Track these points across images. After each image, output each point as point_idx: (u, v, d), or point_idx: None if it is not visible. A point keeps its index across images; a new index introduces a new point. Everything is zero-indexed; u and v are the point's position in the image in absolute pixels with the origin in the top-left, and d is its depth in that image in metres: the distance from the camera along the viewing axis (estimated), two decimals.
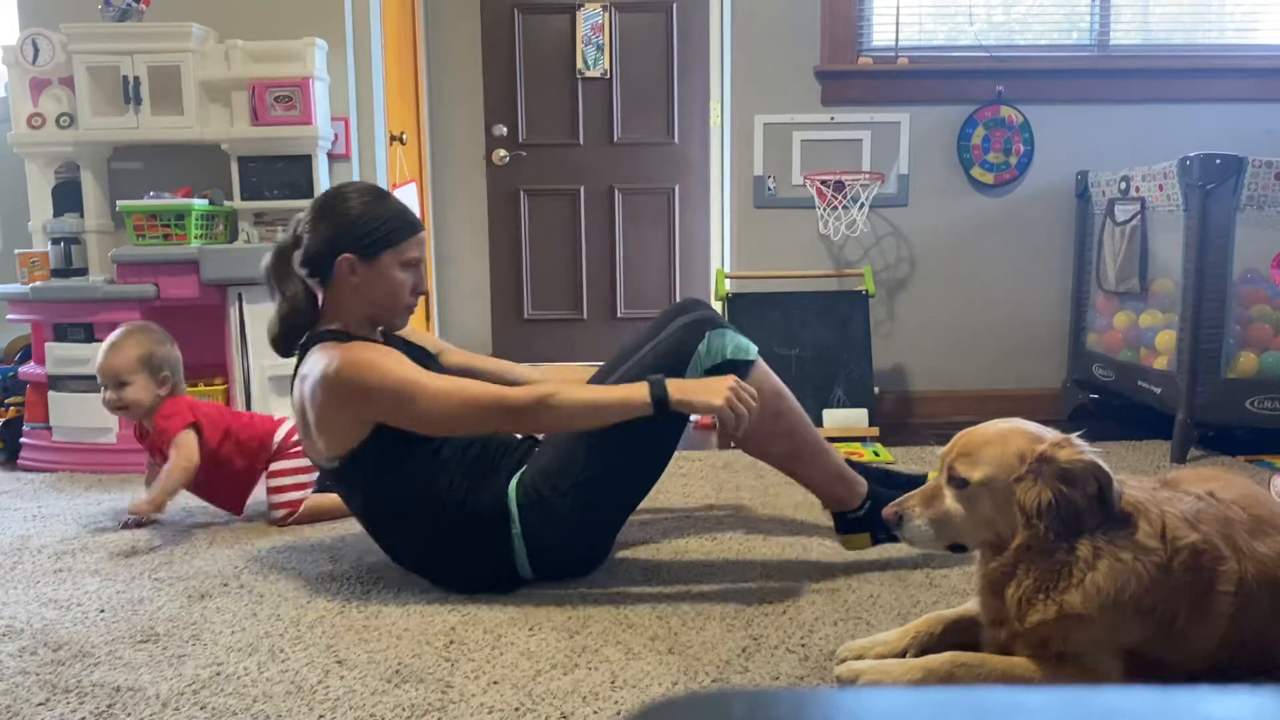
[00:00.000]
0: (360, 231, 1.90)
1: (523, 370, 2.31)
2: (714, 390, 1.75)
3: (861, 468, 2.07)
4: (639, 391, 1.75)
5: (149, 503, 2.25)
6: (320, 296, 1.98)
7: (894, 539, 1.95)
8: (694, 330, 1.91)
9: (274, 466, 2.39)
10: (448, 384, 1.80)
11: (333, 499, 2.34)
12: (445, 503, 1.86)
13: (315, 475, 2.39)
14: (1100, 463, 1.36)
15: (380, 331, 2.02)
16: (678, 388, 1.75)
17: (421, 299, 2.04)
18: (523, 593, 1.89)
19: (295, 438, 2.36)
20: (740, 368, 1.90)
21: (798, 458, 1.98)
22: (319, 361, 1.83)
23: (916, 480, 2.13)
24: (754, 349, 1.94)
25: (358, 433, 1.83)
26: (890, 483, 2.12)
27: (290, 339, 1.99)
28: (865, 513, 1.99)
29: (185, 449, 2.30)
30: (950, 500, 1.44)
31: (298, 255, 1.95)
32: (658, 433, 1.87)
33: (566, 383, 1.87)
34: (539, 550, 1.88)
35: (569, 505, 1.85)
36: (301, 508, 2.37)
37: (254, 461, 2.39)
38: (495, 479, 1.89)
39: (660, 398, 1.74)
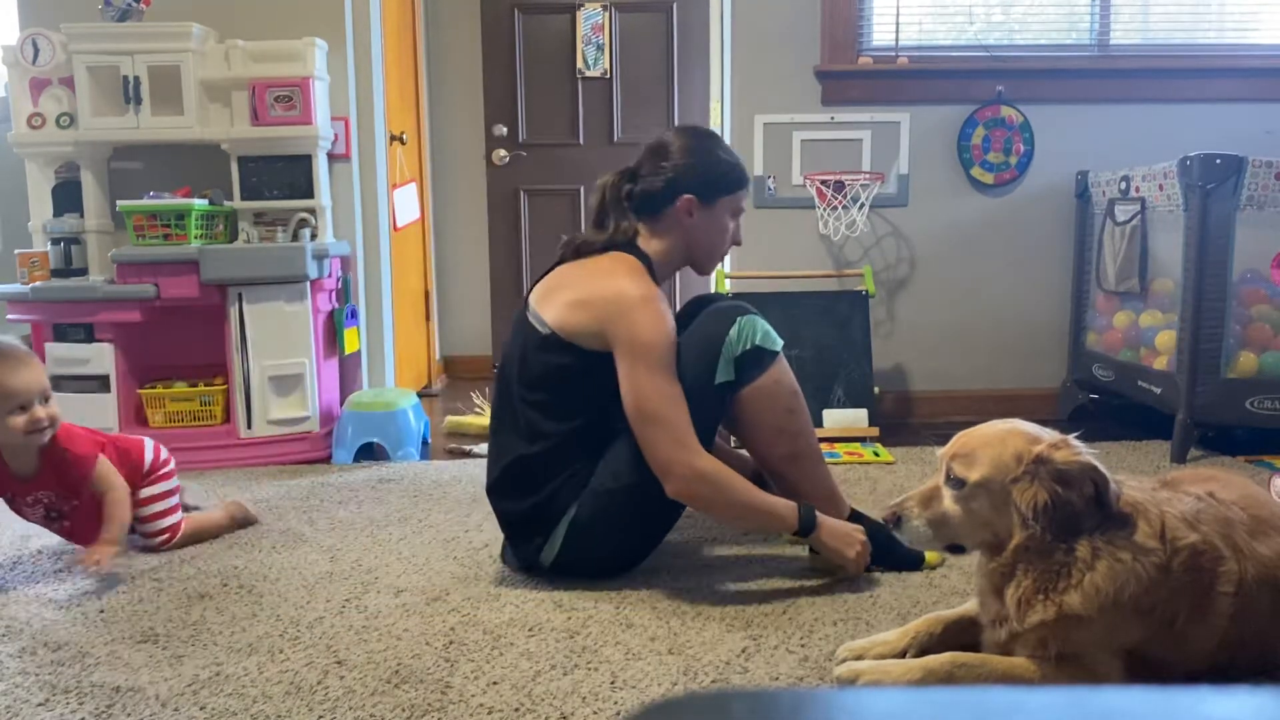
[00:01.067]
0: (706, 175, 1.93)
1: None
2: (850, 544, 1.86)
3: (861, 516, 2.04)
4: (790, 513, 1.83)
5: (107, 544, 1.97)
6: (649, 229, 1.98)
7: (869, 567, 1.95)
8: (724, 316, 1.91)
9: (146, 492, 2.17)
10: (677, 391, 1.80)
11: (212, 518, 2.27)
12: (563, 443, 1.88)
13: (177, 498, 2.24)
14: (1097, 464, 1.36)
15: None
16: (824, 525, 1.85)
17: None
18: (523, 593, 1.89)
19: (164, 457, 2.21)
20: (766, 358, 1.90)
21: (797, 462, 1.98)
22: (634, 280, 1.84)
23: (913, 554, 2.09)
24: (780, 341, 1.95)
25: (595, 342, 1.83)
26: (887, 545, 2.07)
27: (589, 246, 1.99)
28: None
29: (114, 474, 2.06)
30: (948, 501, 1.44)
31: (632, 189, 1.97)
32: (702, 423, 1.87)
33: (736, 475, 1.83)
34: (574, 539, 1.87)
35: (622, 511, 1.86)
36: (181, 529, 2.21)
37: (129, 486, 2.12)
38: (588, 466, 1.90)
39: (808, 530, 1.84)
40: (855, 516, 2.01)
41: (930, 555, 1.99)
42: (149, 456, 2.19)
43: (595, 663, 1.58)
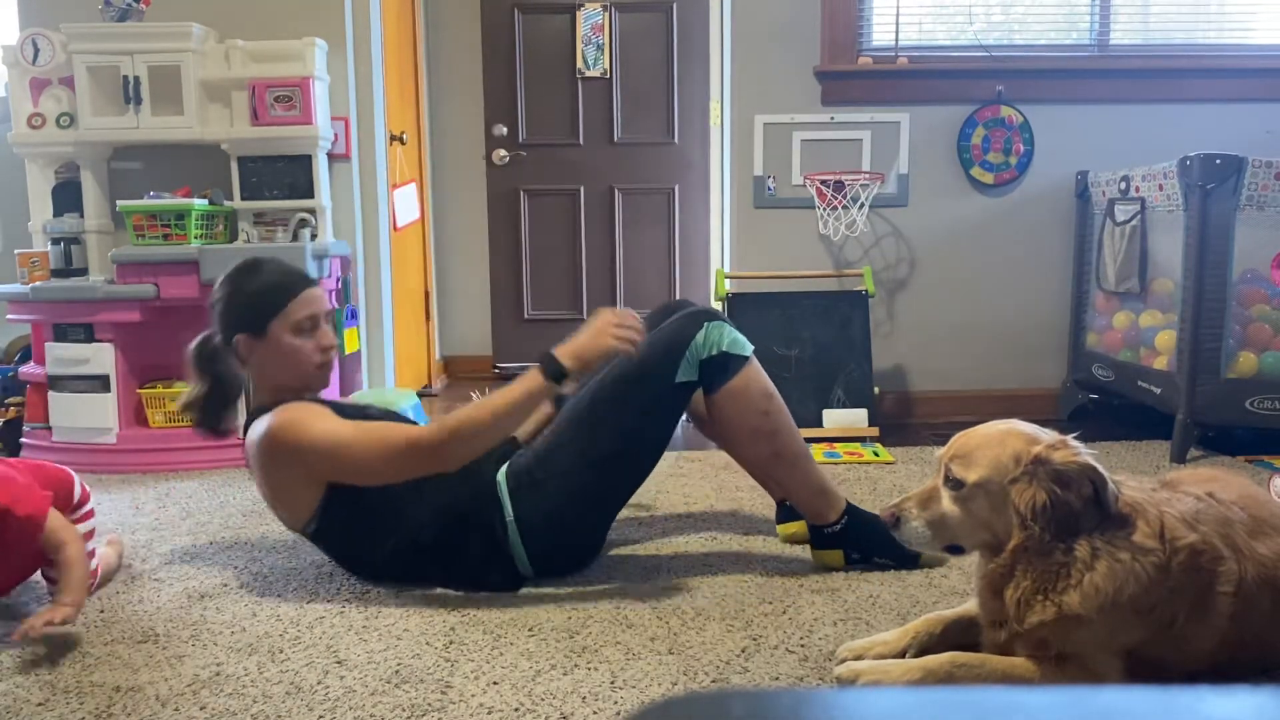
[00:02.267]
0: (239, 310, 1.92)
1: None
2: (600, 336, 1.76)
3: (858, 511, 2.04)
4: (536, 377, 1.76)
5: (71, 606, 1.66)
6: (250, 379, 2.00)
7: (867, 560, 1.97)
8: (693, 320, 1.91)
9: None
10: (364, 432, 1.79)
11: (109, 559, 2.02)
12: (433, 519, 1.87)
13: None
14: (1095, 464, 1.36)
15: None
16: (567, 353, 1.76)
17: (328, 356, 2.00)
18: (523, 593, 1.89)
19: (88, 492, 1.97)
20: (734, 362, 1.91)
21: (780, 461, 1.97)
22: (254, 432, 1.86)
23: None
24: (750, 346, 1.95)
25: (314, 492, 1.84)
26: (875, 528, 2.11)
27: (209, 416, 2.00)
28: (841, 529, 1.98)
29: (66, 526, 1.78)
30: (947, 502, 1.44)
31: (205, 346, 2.00)
32: (654, 415, 1.90)
33: (469, 406, 1.80)
34: (534, 538, 1.87)
35: (561, 487, 1.86)
36: (99, 573, 1.94)
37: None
38: (479, 475, 1.90)
39: (556, 372, 1.75)
40: (851, 510, 2.00)
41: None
42: (77, 490, 1.93)
43: (595, 663, 1.58)
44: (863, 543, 1.98)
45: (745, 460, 2.03)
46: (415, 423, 1.94)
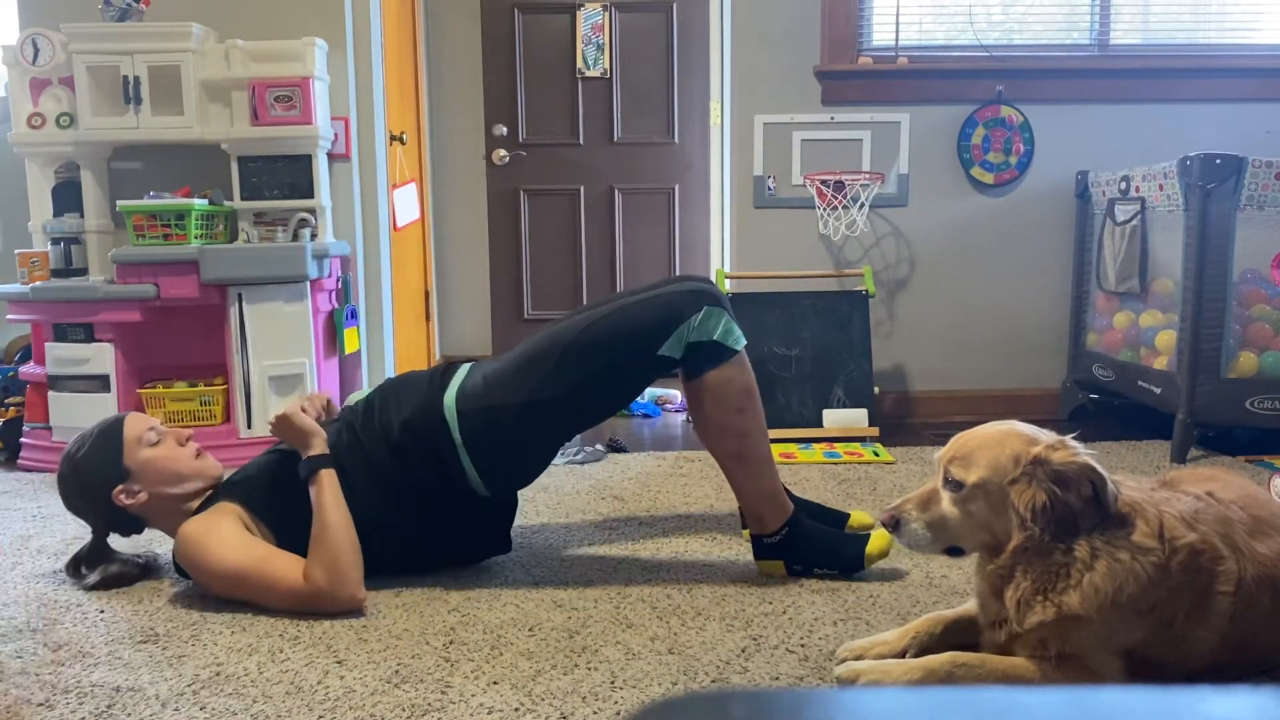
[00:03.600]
0: (95, 475, 1.91)
1: None
2: (297, 421, 1.92)
3: (795, 499, 2.05)
4: (320, 478, 1.86)
5: None
6: (153, 523, 1.98)
7: (808, 571, 1.94)
8: (694, 299, 1.88)
9: None
10: (251, 557, 1.80)
11: None
12: (390, 457, 1.90)
13: None
14: (1094, 464, 1.36)
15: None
16: (310, 447, 1.90)
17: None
18: (523, 593, 1.89)
19: None
20: (724, 353, 1.89)
21: (742, 461, 1.95)
22: (175, 547, 1.88)
23: (843, 517, 2.17)
24: (743, 341, 1.93)
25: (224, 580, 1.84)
26: (822, 518, 2.13)
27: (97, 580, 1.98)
28: (780, 540, 1.95)
29: None
30: (946, 503, 1.44)
31: (110, 541, 2.00)
32: (622, 376, 1.89)
33: (318, 525, 1.82)
34: (481, 456, 1.88)
35: (509, 415, 1.86)
36: None
37: None
38: (425, 402, 1.91)
39: (312, 465, 1.87)
40: (795, 518, 1.96)
41: (873, 544, 1.93)
42: None
43: (595, 663, 1.58)
44: (803, 554, 1.94)
45: (710, 449, 1.99)
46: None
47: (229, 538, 1.82)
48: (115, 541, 2.05)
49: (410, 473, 1.90)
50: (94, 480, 1.91)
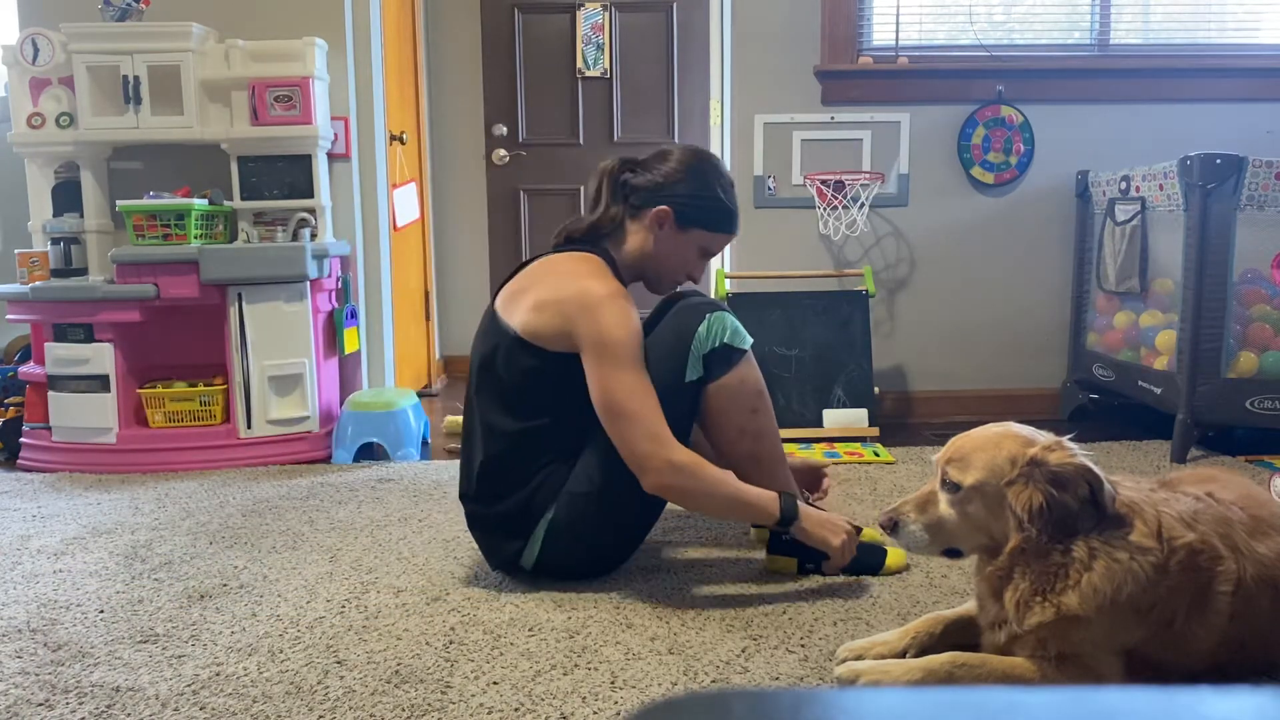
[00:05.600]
0: (693, 198, 1.92)
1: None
2: (834, 533, 1.83)
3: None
4: (772, 504, 1.80)
5: None
6: (622, 225, 1.98)
7: (820, 570, 1.94)
8: (694, 312, 1.90)
9: None
10: (647, 388, 1.78)
11: None
12: (541, 449, 1.88)
13: None
14: (1091, 465, 1.36)
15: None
16: (806, 515, 1.83)
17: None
18: (522, 593, 1.89)
19: None
20: (734, 355, 1.90)
21: (757, 462, 1.95)
22: (600, 281, 1.83)
23: (855, 530, 2.12)
24: (749, 339, 1.94)
25: (562, 344, 1.82)
26: None
27: (573, 243, 1.98)
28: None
29: None
30: (944, 505, 1.44)
31: (629, 177, 1.97)
32: (675, 421, 1.86)
33: (712, 466, 1.80)
34: (554, 540, 1.87)
35: (600, 513, 1.85)
36: None
37: None
38: (562, 464, 1.89)
39: (790, 520, 1.81)
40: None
41: (891, 558, 1.96)
42: None
43: (595, 663, 1.58)
44: (818, 553, 1.94)
45: (723, 454, 1.98)
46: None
47: (641, 344, 1.81)
48: None
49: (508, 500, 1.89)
50: (694, 195, 1.92)
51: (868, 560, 1.96)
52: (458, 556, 2.12)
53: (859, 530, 1.92)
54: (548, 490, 1.88)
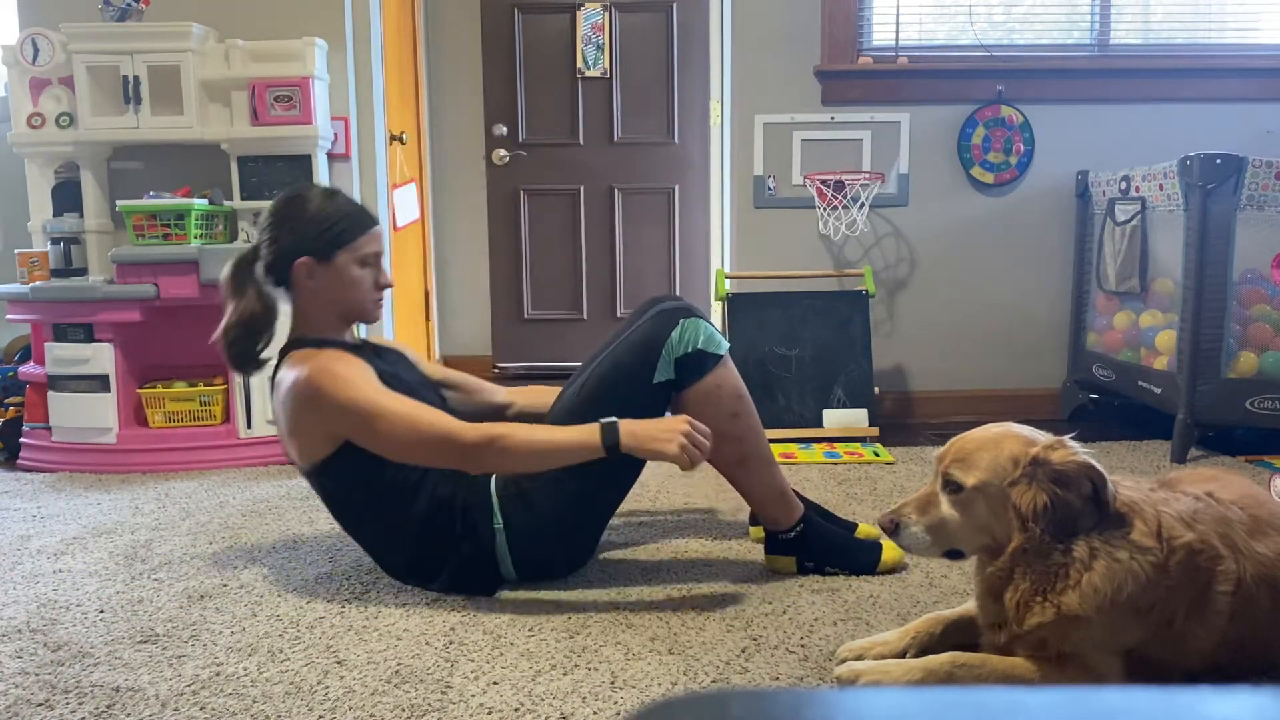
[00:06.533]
0: (312, 233, 1.90)
1: (504, 393, 2.25)
2: (667, 437, 1.69)
3: (807, 502, 2.03)
4: (592, 436, 1.71)
5: None
6: (291, 303, 1.97)
7: (819, 569, 1.95)
8: (668, 318, 1.89)
9: None
10: (405, 410, 1.76)
11: None
12: (427, 504, 1.86)
13: None
14: (1094, 463, 1.36)
15: (357, 343, 2.00)
16: (629, 432, 1.70)
17: (388, 291, 2.00)
18: (522, 593, 1.89)
19: None
20: (709, 360, 1.89)
21: (744, 465, 1.94)
22: (292, 369, 1.84)
23: (850, 526, 2.13)
24: (725, 344, 1.93)
25: (329, 443, 1.83)
26: (826, 518, 2.11)
27: (242, 350, 1.97)
28: (795, 536, 1.96)
29: None
30: (946, 506, 1.44)
31: (259, 265, 1.96)
32: (632, 415, 1.85)
33: (520, 426, 1.78)
34: (521, 546, 1.87)
35: (548, 496, 1.85)
36: None
37: None
38: (477, 482, 1.89)
39: (612, 444, 1.70)
40: (808, 516, 1.98)
41: (887, 554, 1.96)
42: None
43: (595, 663, 1.58)
44: (817, 551, 1.95)
45: (713, 461, 1.96)
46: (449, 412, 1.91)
47: (369, 377, 1.80)
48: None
49: (448, 540, 1.88)
50: (304, 235, 1.90)
51: (864, 558, 1.96)
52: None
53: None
54: (466, 514, 1.86)
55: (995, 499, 1.39)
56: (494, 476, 1.88)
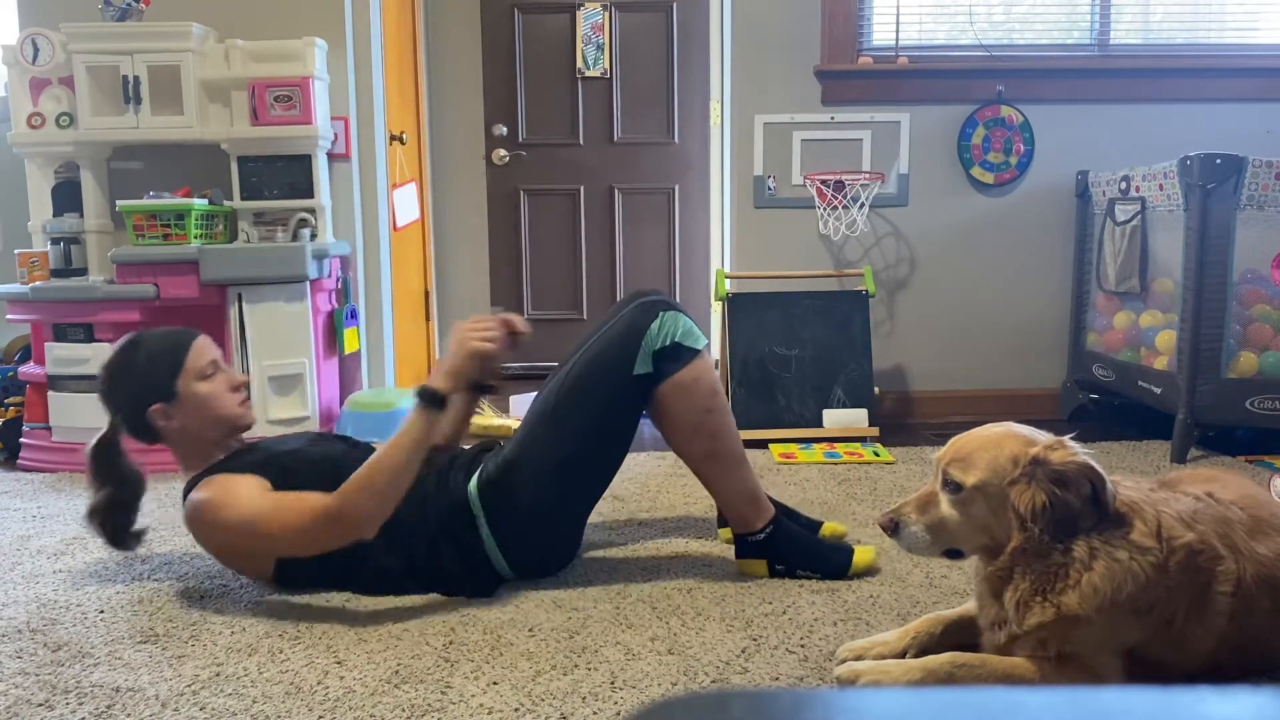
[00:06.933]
0: (145, 383, 1.90)
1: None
2: (460, 345, 1.81)
3: (772, 501, 2.02)
4: (416, 412, 1.77)
5: None
6: (172, 451, 1.97)
7: (790, 572, 1.94)
8: (648, 310, 1.89)
9: None
10: (278, 510, 1.76)
11: None
12: (410, 542, 1.86)
13: None
14: (1093, 464, 1.36)
15: (247, 448, 1.98)
16: (437, 377, 1.79)
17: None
18: (522, 594, 1.89)
19: None
20: (685, 354, 1.88)
21: (715, 461, 1.93)
22: (187, 507, 1.85)
23: (815, 525, 2.14)
24: (704, 339, 1.93)
25: (265, 559, 1.85)
26: (793, 519, 2.11)
27: (114, 529, 1.94)
28: (765, 538, 1.94)
29: None
30: (945, 506, 1.44)
31: (121, 441, 1.96)
32: (615, 411, 1.88)
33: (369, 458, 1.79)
34: (510, 542, 1.87)
35: (531, 494, 1.85)
36: None
37: None
38: (453, 488, 1.89)
39: (433, 398, 1.77)
40: (778, 518, 1.97)
41: (859, 557, 1.95)
42: None
43: (595, 663, 1.58)
44: (787, 554, 1.94)
45: (680, 454, 1.97)
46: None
47: (245, 491, 1.80)
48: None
49: (435, 551, 1.88)
50: (140, 388, 1.90)
51: (836, 560, 1.94)
52: None
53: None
54: (446, 530, 1.86)
55: (995, 499, 1.39)
56: (473, 482, 1.88)
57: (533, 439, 1.89)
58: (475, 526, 1.86)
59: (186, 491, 1.90)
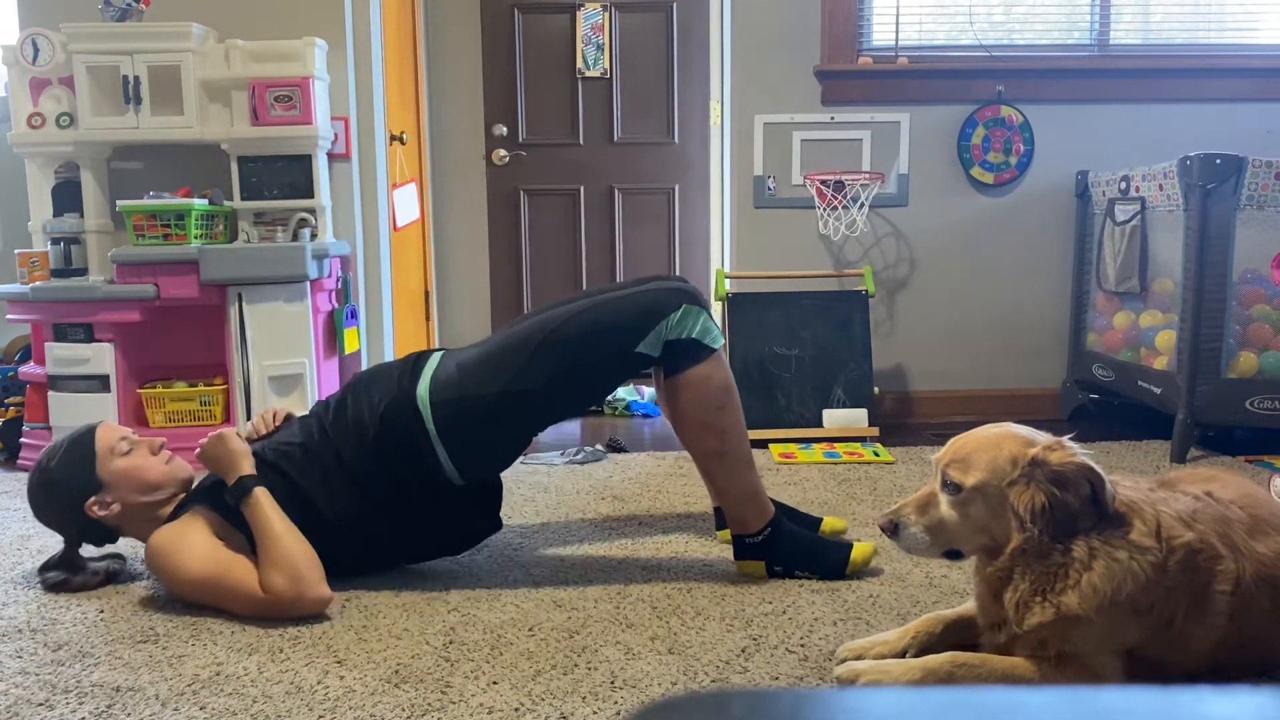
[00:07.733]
0: (69, 487, 1.92)
1: None
2: (218, 451, 1.90)
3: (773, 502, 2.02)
4: (246, 503, 1.84)
5: None
6: (126, 535, 1.99)
7: (789, 573, 1.94)
8: (674, 297, 1.88)
9: None
10: (232, 575, 1.79)
11: None
12: (362, 454, 1.89)
13: None
14: (1092, 464, 1.36)
15: (196, 494, 1.99)
16: (225, 474, 1.88)
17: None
18: (523, 593, 1.89)
19: None
20: (701, 350, 1.88)
21: (723, 459, 1.93)
22: (148, 560, 1.87)
23: (815, 521, 2.15)
24: (721, 340, 1.93)
25: (226, 597, 1.84)
26: (794, 519, 2.11)
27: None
28: (763, 540, 1.94)
29: None
30: (945, 506, 1.44)
31: (82, 552, 2.00)
32: (598, 371, 1.89)
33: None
34: (457, 445, 1.87)
35: (488, 407, 1.85)
36: None
37: None
38: (397, 395, 1.90)
39: (239, 490, 1.84)
40: (777, 519, 1.96)
41: (857, 553, 1.95)
42: None
43: (595, 663, 1.58)
44: (785, 555, 1.94)
45: (689, 449, 1.98)
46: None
47: (196, 545, 1.82)
48: (86, 550, 2.05)
49: (387, 468, 1.90)
50: (66, 492, 1.92)
51: (833, 559, 1.94)
52: (457, 556, 2.12)
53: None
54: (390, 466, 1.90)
55: (994, 499, 1.39)
56: (424, 385, 1.89)
57: (506, 357, 1.87)
58: (422, 425, 1.86)
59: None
